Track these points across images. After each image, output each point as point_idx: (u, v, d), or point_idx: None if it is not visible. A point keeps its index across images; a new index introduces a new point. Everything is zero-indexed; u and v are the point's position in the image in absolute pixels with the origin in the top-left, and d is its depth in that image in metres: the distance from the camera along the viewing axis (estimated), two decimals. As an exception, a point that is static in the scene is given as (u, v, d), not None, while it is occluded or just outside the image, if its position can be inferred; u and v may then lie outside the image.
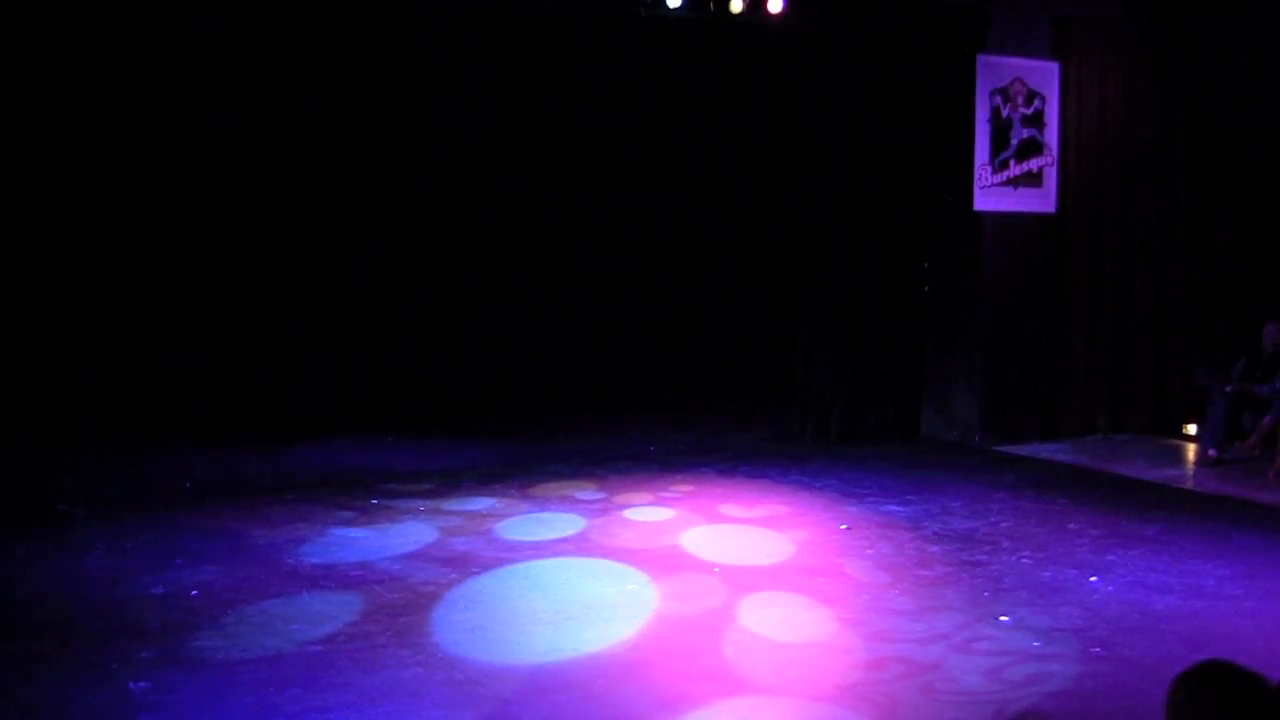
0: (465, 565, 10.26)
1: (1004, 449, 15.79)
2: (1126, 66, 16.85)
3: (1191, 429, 16.26)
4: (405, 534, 11.23)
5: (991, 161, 15.86)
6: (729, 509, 12.41)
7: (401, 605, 9.24)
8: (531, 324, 17.13)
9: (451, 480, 13.32)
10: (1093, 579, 10.26)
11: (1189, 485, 14.35)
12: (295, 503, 12.24)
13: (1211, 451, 15.07)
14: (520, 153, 16.66)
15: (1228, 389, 15.15)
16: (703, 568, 10.43)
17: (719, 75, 16.94)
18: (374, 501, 12.34)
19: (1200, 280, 17.37)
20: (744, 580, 10.07)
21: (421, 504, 12.27)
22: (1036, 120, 16.13)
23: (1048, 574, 10.39)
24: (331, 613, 9.07)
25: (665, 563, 10.48)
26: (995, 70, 15.89)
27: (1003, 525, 11.95)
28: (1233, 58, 17.19)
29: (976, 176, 15.78)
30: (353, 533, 11.26)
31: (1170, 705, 3.87)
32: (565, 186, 17.06)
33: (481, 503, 12.40)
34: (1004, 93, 15.92)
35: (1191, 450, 15.83)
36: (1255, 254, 17.35)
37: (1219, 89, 17.20)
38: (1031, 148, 16.11)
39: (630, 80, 16.80)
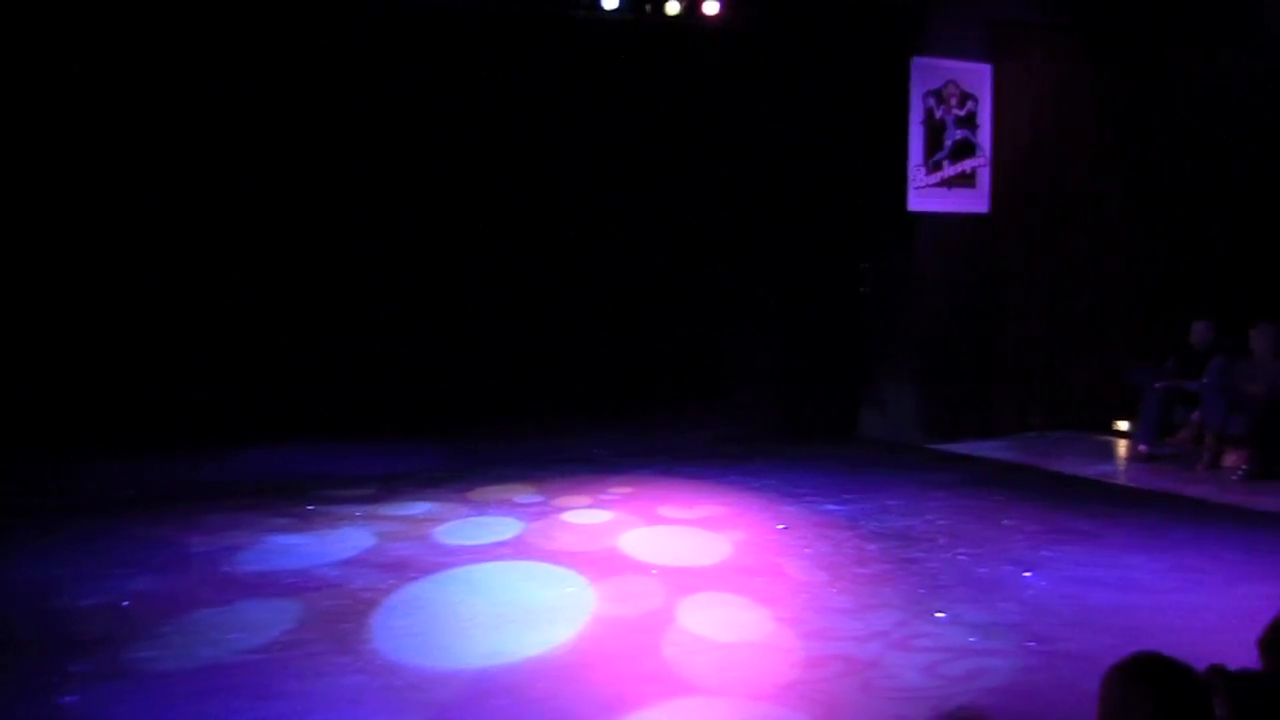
0: (404, 570, 10.19)
1: (941, 447, 15.85)
2: (1061, 69, 16.95)
3: (1124, 425, 16.35)
4: (343, 540, 11.12)
5: (925, 163, 15.92)
6: (667, 510, 12.39)
7: (340, 612, 9.17)
8: (467, 326, 17.04)
9: (390, 485, 13.23)
10: (1028, 574, 10.30)
11: (1122, 481, 14.45)
12: (232, 509, 12.10)
13: (1143, 447, 15.18)
14: (455, 153, 16.57)
15: (1159, 386, 15.26)
16: (641, 569, 10.41)
17: (656, 77, 16.91)
18: (311, 508, 12.22)
19: (1133, 279, 17.48)
20: (683, 581, 10.05)
21: (359, 509, 12.18)
22: (970, 122, 16.21)
23: (984, 570, 10.43)
24: (269, 621, 8.97)
25: (604, 565, 10.46)
26: (929, 72, 15.96)
27: (940, 523, 11.98)
28: (1168, 60, 17.31)
29: (910, 177, 15.85)
30: (290, 539, 11.15)
31: (1103, 697, 3.90)
32: (502, 188, 16.98)
33: (420, 507, 12.33)
34: (938, 95, 15.99)
35: (1124, 446, 15.93)
36: (1187, 254, 17.49)
37: (1154, 91, 17.32)
38: (965, 149, 16.18)
39: (567, 82, 16.75)
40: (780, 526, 11.76)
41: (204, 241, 15.40)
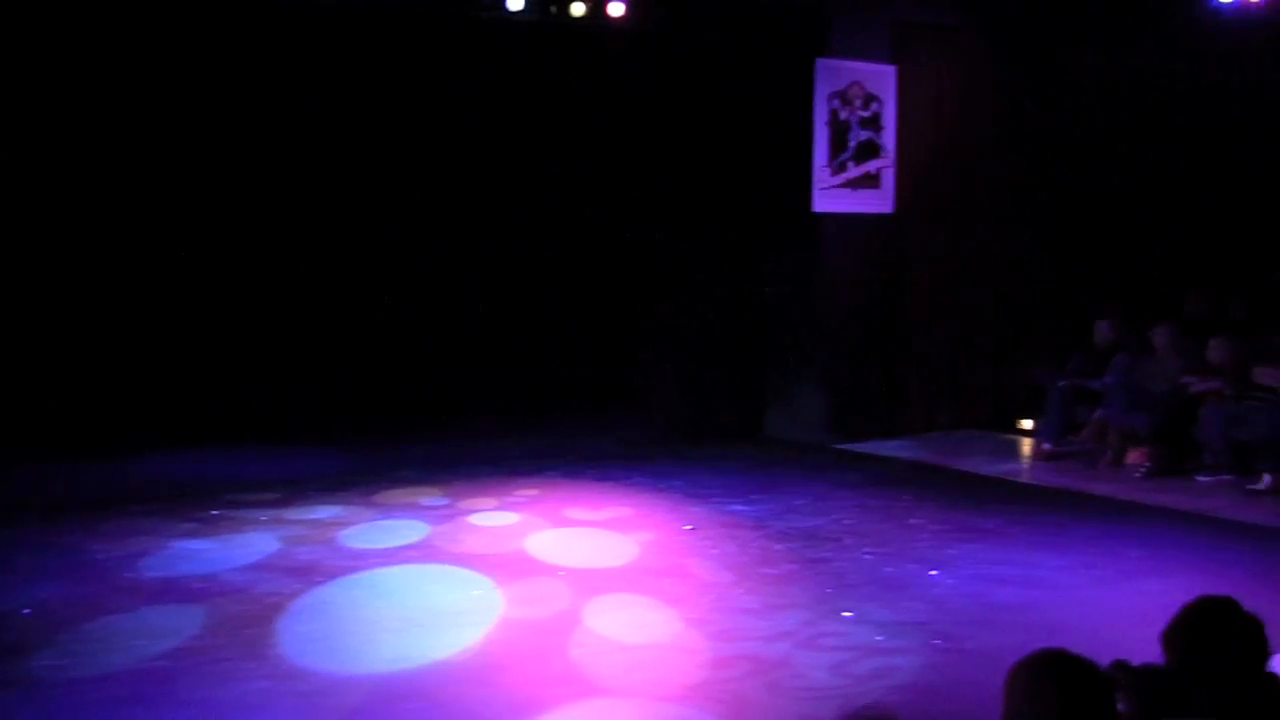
0: (310, 575, 10.14)
1: (847, 447, 15.92)
2: (965, 71, 17.05)
3: (1029, 424, 16.49)
4: (249, 545, 11.03)
5: (830, 163, 15.99)
6: (574, 512, 12.39)
7: (246, 617, 9.12)
8: (374, 329, 16.97)
9: (295, 489, 13.08)
10: (934, 573, 10.39)
11: (1026, 479, 14.60)
12: (136, 515, 11.95)
13: (1047, 445, 15.32)
14: (358, 156, 16.49)
15: (1063, 384, 15.41)
16: (549, 571, 10.42)
17: (562, 78, 16.89)
18: (216, 513, 12.10)
19: (1037, 279, 17.62)
20: (590, 583, 10.08)
21: (265, 514, 12.07)
22: (874, 123, 16.30)
23: (890, 569, 10.51)
24: (174, 627, 8.92)
25: (511, 567, 10.46)
26: (833, 73, 16.02)
27: (846, 522, 12.05)
28: (1069, 61, 17.47)
29: (815, 178, 15.91)
30: (195, 545, 11.05)
31: (1007, 694, 3.95)
32: (407, 190, 16.91)
33: (326, 511, 12.23)
34: (842, 96, 16.06)
35: (1029, 445, 16.06)
36: (1089, 253, 17.64)
37: (1056, 92, 17.48)
38: (869, 150, 16.27)
39: (472, 83, 16.70)
40: (687, 527, 11.79)
41: (101, 247, 15.25)
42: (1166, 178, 17.78)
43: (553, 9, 14.69)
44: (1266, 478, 13.45)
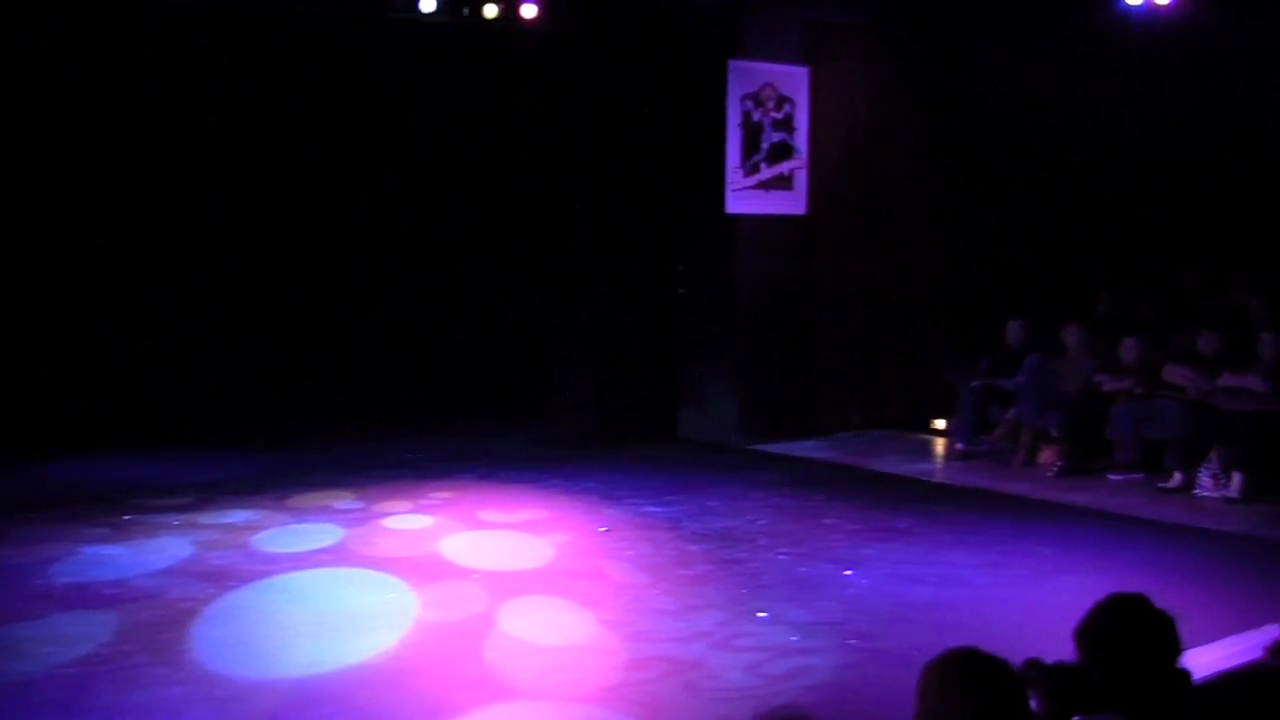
0: (223, 580, 10.09)
1: (761, 448, 15.98)
2: (877, 72, 17.16)
3: (942, 424, 16.61)
4: (161, 550, 10.95)
5: (743, 165, 16.04)
6: (488, 514, 12.38)
7: (159, 623, 9.06)
8: (281, 332, 16.88)
9: (207, 493, 12.99)
10: (848, 573, 10.46)
11: (940, 478, 14.70)
12: (45, 521, 11.84)
13: (961, 445, 15.44)
14: (270, 156, 16.39)
15: (975, 384, 15.53)
16: (463, 574, 10.42)
17: (476, 80, 16.86)
18: (127, 518, 11.99)
19: (949, 279, 17.75)
20: (505, 585, 10.08)
21: (177, 519, 11.97)
22: (787, 124, 16.36)
23: (805, 569, 10.56)
24: (86, 633, 8.85)
25: (426, 570, 10.44)
26: (746, 75, 16.07)
27: (760, 523, 12.11)
28: (980, 64, 17.61)
29: (728, 179, 15.95)
30: (106, 550, 10.96)
31: (920, 693, 3.98)
32: (317, 192, 16.83)
33: (238, 516, 12.14)
34: (755, 97, 16.11)
35: (942, 444, 16.18)
36: (1001, 254, 17.79)
37: (967, 94, 17.61)
38: (782, 151, 16.32)
39: (382, 85, 16.63)
40: (602, 529, 11.81)
41: (13, 250, 15.09)
42: (1077, 179, 17.96)
43: (465, 11, 14.66)
44: (1177, 475, 13.62)
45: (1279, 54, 16.50)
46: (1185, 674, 4.34)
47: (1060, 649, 4.55)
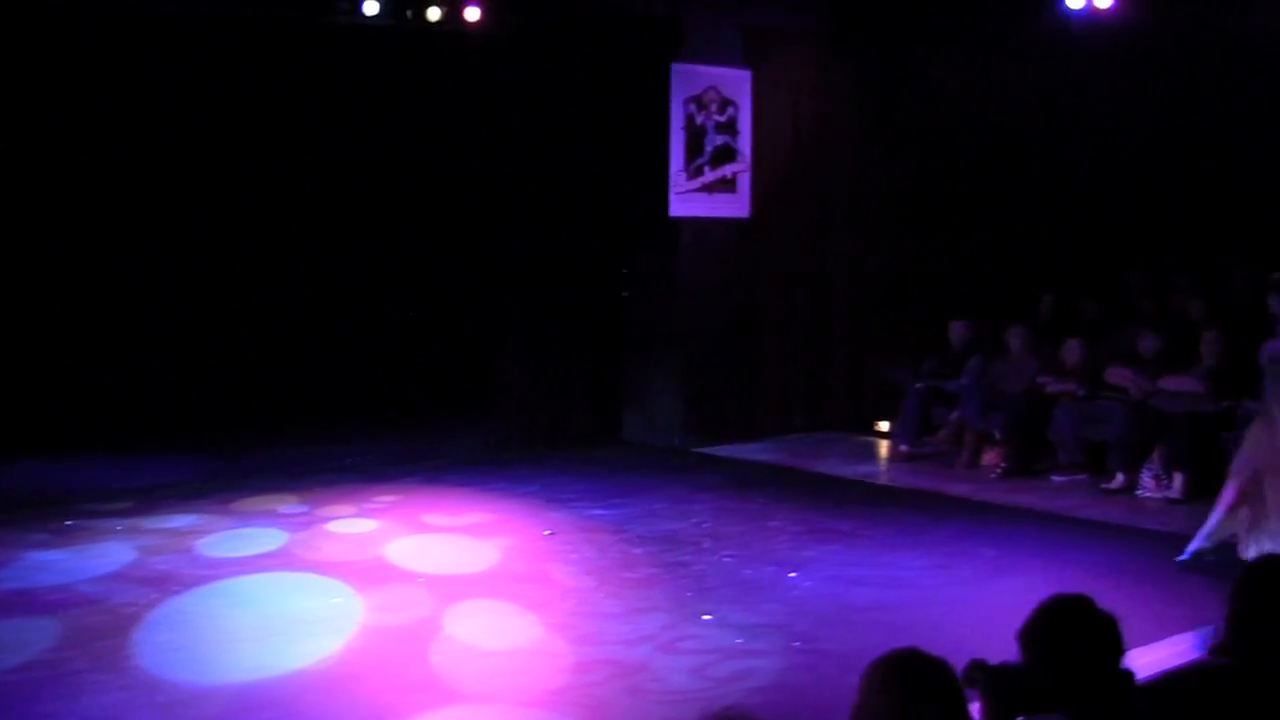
0: (166, 585, 10.04)
1: (705, 450, 16.00)
2: (820, 75, 17.21)
3: (886, 426, 16.65)
4: (104, 555, 10.90)
5: (687, 168, 16.06)
6: (433, 518, 12.37)
7: (102, 629, 9.02)
8: (227, 334, 16.82)
9: (150, 498, 12.94)
10: (792, 575, 10.49)
11: (884, 480, 14.76)
12: (-15, 526, 11.83)
13: (904, 447, 15.50)
14: (212, 160, 16.34)
15: (919, 386, 15.60)
16: (408, 578, 10.41)
17: (420, 83, 16.82)
18: (70, 522, 11.93)
19: (892, 280, 17.81)
20: (450, 589, 10.08)
21: (120, 523, 11.92)
22: (730, 128, 16.38)
23: (749, 572, 10.59)
24: (28, 640, 8.79)
25: (370, 574, 10.43)
26: (689, 78, 16.10)
27: (705, 525, 12.13)
28: (920, 66, 17.67)
29: (672, 183, 15.97)
30: (48, 555, 10.90)
31: (860, 692, 4.01)
32: (260, 195, 16.78)
33: (182, 520, 12.09)
34: (698, 100, 16.14)
35: (886, 446, 16.22)
36: (944, 255, 17.85)
37: (908, 96, 17.66)
38: (725, 154, 16.35)
39: (327, 88, 16.58)
40: (547, 532, 11.81)
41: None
42: (1019, 181, 18.04)
43: (408, 13, 14.63)
44: (1119, 476, 13.72)
45: (1218, 56, 16.62)
46: (1128, 674, 4.36)
47: (1004, 650, 4.57)
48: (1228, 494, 10.70)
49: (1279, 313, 10.99)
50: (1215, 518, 10.77)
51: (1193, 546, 10.79)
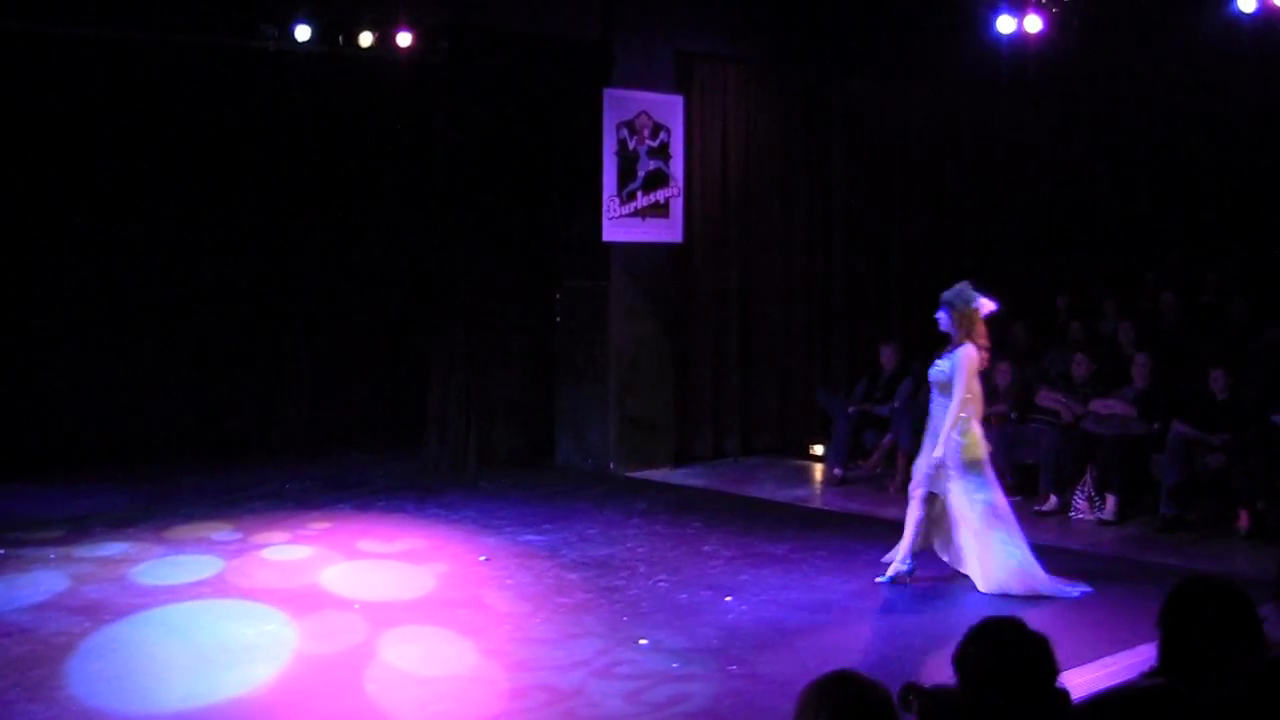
0: (98, 613, 10.00)
1: (638, 475, 16.02)
2: (750, 100, 17.28)
3: (819, 449, 16.70)
4: (34, 583, 10.82)
5: (619, 193, 16.08)
6: (367, 544, 12.36)
7: (32, 658, 8.96)
8: (156, 361, 16.75)
9: (81, 526, 12.82)
10: (728, 599, 10.53)
11: (817, 504, 14.80)
12: (-87, 556, 11.71)
13: (838, 470, 15.55)
14: (143, 186, 16.27)
15: (850, 410, 15.67)
16: (343, 605, 10.40)
17: (350, 109, 16.80)
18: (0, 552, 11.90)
19: (823, 305, 17.90)
20: (385, 616, 10.08)
21: (51, 551, 11.80)
22: (662, 152, 16.42)
23: (684, 596, 10.63)
24: (-43, 670, 8.75)
25: (305, 601, 10.41)
26: (621, 104, 16.12)
27: (639, 550, 12.16)
28: (850, 91, 17.79)
29: (605, 208, 15.98)
30: (-24, 585, 10.86)
31: (797, 716, 4.03)
32: (196, 222, 16.73)
33: (114, 548, 12.01)
34: (630, 125, 16.17)
35: (819, 470, 16.27)
36: (874, 279, 17.97)
37: (837, 121, 17.78)
38: (658, 179, 16.38)
39: (258, 114, 16.54)
40: (481, 559, 11.81)
41: None
42: (948, 204, 18.20)
43: (340, 39, 14.60)
44: (1052, 498, 13.82)
45: (1145, 83, 16.83)
46: (1064, 694, 4.41)
47: (940, 673, 4.62)
48: (915, 512, 11.05)
49: (946, 330, 11.25)
50: (906, 542, 11.10)
51: (894, 570, 11.08)
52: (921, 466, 11.08)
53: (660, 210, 16.39)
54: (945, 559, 11.09)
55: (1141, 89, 17.14)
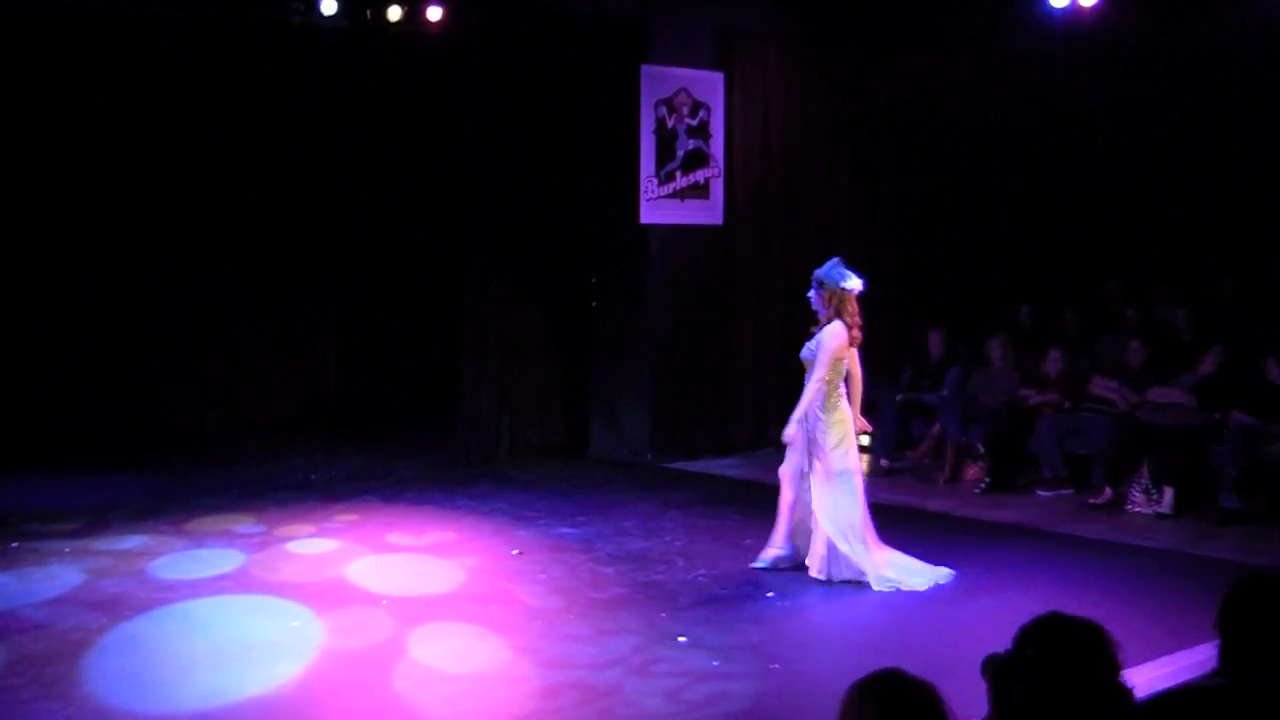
0: (117, 608, 9.97)
1: (676, 466, 15.97)
2: (792, 78, 17.19)
3: (864, 439, 16.61)
4: (51, 578, 10.79)
5: (657, 174, 16.02)
6: (396, 538, 12.31)
7: (48, 655, 8.93)
8: (179, 348, 16.79)
9: (100, 518, 12.79)
10: (769, 594, 10.48)
11: (862, 496, 14.71)
12: (-74, 549, 11.72)
13: (883, 461, 15.48)
14: (162, 166, 16.30)
15: (897, 398, 15.59)
16: (370, 600, 10.36)
17: (379, 86, 16.78)
18: (15, 544, 11.80)
19: (869, 289, 17.78)
20: (413, 611, 10.03)
21: (67, 545, 11.80)
22: (702, 131, 16.36)
23: (724, 591, 10.58)
24: (-29, 667, 8.75)
25: (331, 596, 10.37)
26: (659, 81, 16.06)
27: (676, 544, 12.09)
28: (896, 68, 17.70)
29: (642, 189, 15.92)
30: (-9, 579, 10.86)
31: (841, 716, 3.98)
32: (216, 203, 16.75)
33: (133, 541, 11.99)
34: (669, 104, 16.10)
35: (864, 461, 16.19)
36: (918, 264, 17.87)
37: (882, 99, 17.69)
38: (697, 159, 16.32)
39: (285, 91, 16.53)
40: (514, 552, 11.75)
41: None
42: (998, 185, 18.07)
43: (368, 13, 14.56)
44: (1107, 490, 13.71)
45: (1203, 57, 16.67)
46: (1128, 691, 4.33)
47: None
48: (787, 494, 11.28)
49: (816, 309, 11.65)
50: (782, 525, 11.26)
51: (770, 556, 11.22)
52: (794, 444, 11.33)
53: (700, 191, 16.33)
54: (797, 543, 11.16)
55: (1202, 65, 16.98)
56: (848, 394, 11.36)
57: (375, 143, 17.34)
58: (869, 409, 16.24)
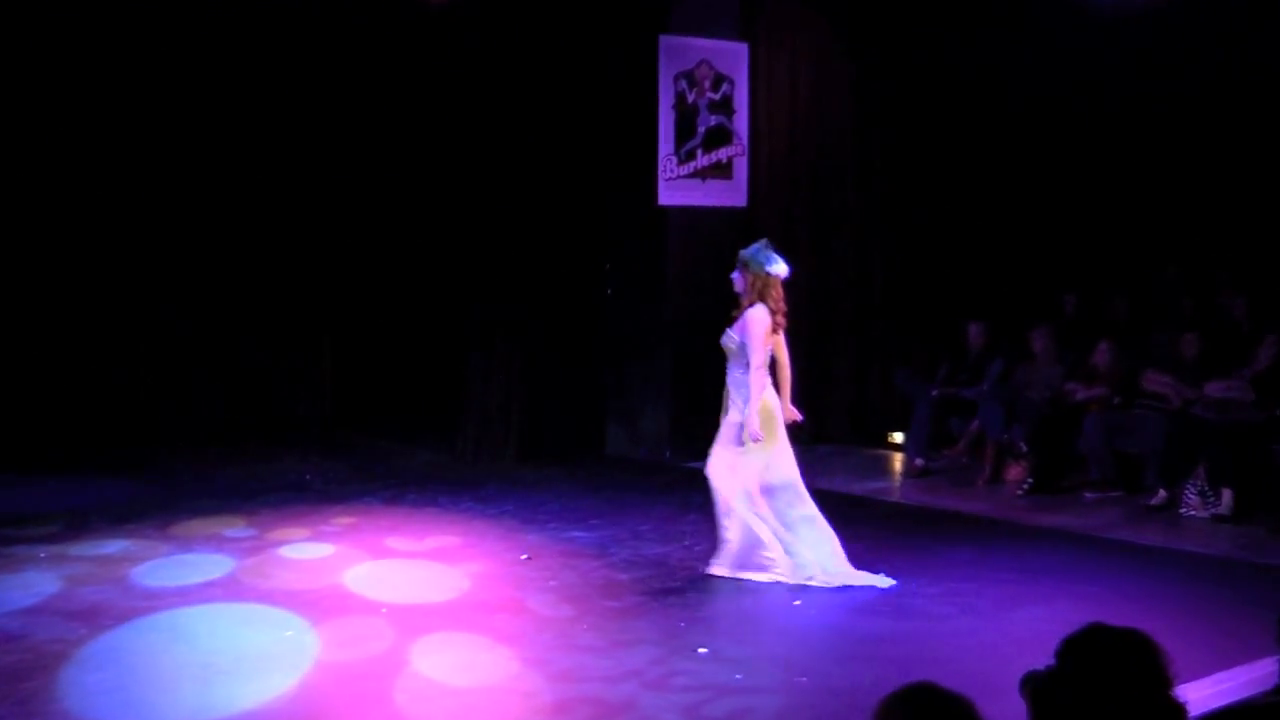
0: (97, 618, 9.97)
1: (696, 465, 15.93)
2: (820, 50, 17.17)
3: (898, 437, 16.61)
4: (25, 585, 10.79)
5: (676, 152, 16.01)
6: (396, 542, 12.33)
7: (23, 668, 8.93)
8: (165, 343, 16.82)
9: (79, 521, 12.82)
10: (796, 603, 10.48)
11: (895, 497, 14.75)
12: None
13: (918, 461, 15.45)
14: (155, 154, 16.34)
15: (933, 393, 15.56)
16: (369, 608, 10.37)
17: (386, 60, 16.78)
18: (-14, 550, 11.92)
19: (901, 277, 17.79)
20: (415, 621, 10.04)
21: (43, 550, 11.82)
22: (725, 106, 16.34)
23: (747, 600, 10.59)
24: (-60, 681, 8.77)
25: (327, 605, 10.38)
26: (679, 52, 16.02)
27: (696, 549, 12.06)
28: (936, 41, 17.66)
29: (660, 168, 15.89)
30: (-40, 588, 10.88)
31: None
32: (212, 191, 16.77)
33: (114, 545, 12.00)
34: (689, 77, 16.08)
35: (898, 460, 16.20)
36: (955, 251, 17.84)
37: (922, 75, 17.65)
38: (720, 136, 16.29)
39: (289, 66, 16.55)
40: (523, 557, 11.77)
41: None
42: (1041, 168, 18.03)
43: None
44: (1161, 492, 13.65)
45: (1257, 34, 16.62)
46: (1181, 708, 4.33)
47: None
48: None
49: (738, 291, 11.50)
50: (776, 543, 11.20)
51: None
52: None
53: (722, 170, 16.31)
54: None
55: (1256, 41, 16.94)
56: (775, 384, 11.27)
57: (377, 127, 17.34)
58: (903, 404, 16.31)
